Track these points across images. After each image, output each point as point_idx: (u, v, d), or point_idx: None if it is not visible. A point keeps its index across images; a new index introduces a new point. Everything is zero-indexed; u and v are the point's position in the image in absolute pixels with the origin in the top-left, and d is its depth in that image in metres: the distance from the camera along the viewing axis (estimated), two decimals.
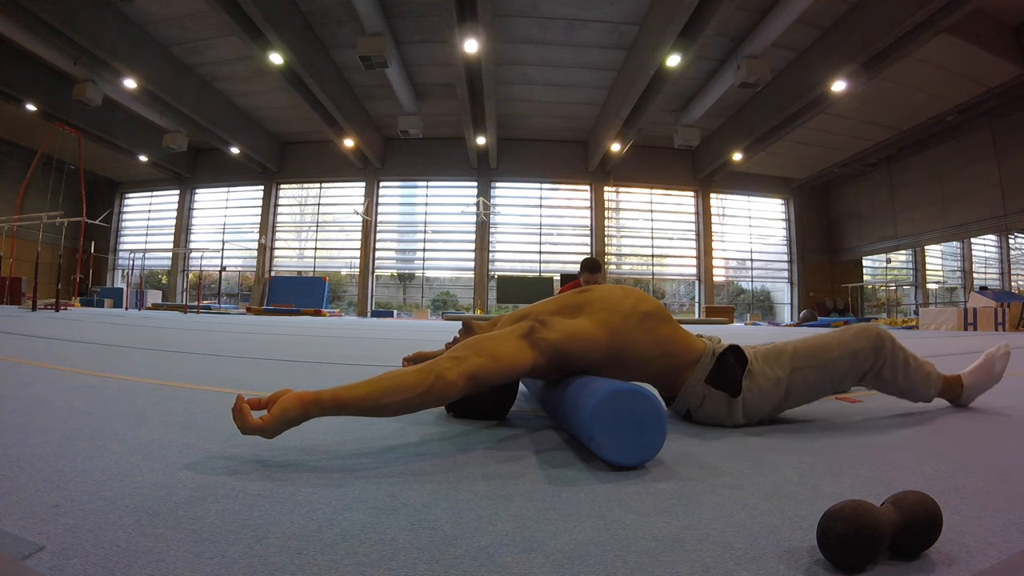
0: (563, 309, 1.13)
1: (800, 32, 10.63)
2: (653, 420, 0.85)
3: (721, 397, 1.16)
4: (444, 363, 0.91)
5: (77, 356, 2.45)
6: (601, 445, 0.85)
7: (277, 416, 0.79)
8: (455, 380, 0.89)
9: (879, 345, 1.23)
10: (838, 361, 1.20)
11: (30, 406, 1.23)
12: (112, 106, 13.40)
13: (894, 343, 1.25)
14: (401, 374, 0.87)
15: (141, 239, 19.98)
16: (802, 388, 1.19)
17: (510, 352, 0.98)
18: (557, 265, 17.35)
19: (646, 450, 0.85)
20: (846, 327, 1.28)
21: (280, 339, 4.39)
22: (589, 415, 0.86)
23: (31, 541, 0.53)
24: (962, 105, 12.83)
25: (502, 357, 0.96)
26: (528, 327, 1.05)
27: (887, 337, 1.25)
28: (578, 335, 1.06)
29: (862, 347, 1.21)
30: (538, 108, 14.82)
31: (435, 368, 0.89)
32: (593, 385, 0.93)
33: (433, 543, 0.56)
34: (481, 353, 0.94)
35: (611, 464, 0.85)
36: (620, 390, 0.86)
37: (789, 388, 1.18)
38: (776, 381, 1.16)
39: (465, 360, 0.92)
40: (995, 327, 10.06)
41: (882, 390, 1.31)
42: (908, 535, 0.53)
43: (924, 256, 18.22)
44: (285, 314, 13.87)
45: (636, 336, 1.12)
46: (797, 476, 0.83)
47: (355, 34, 10.57)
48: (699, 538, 0.59)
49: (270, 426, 0.79)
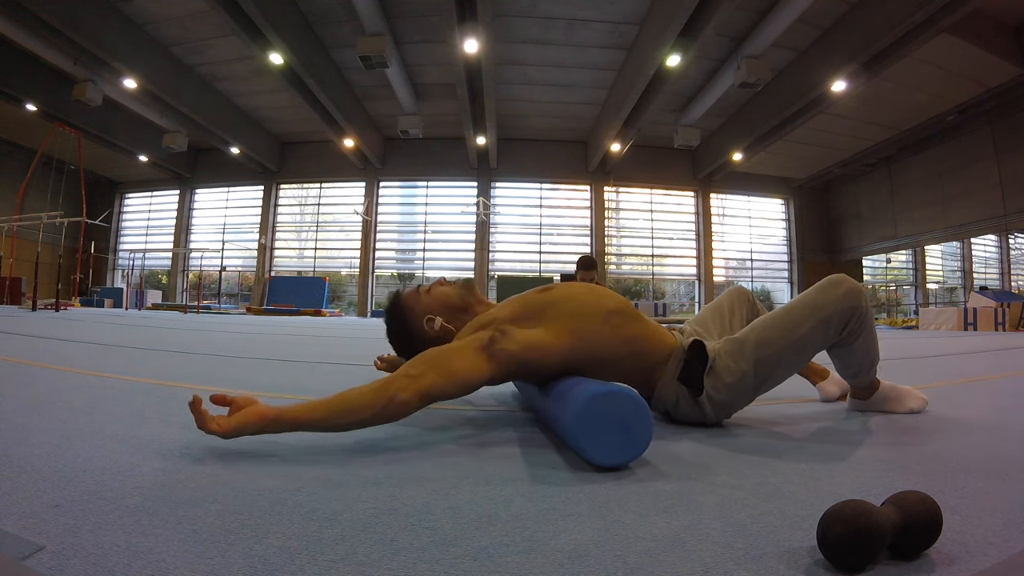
0: (525, 313, 1.10)
1: (800, 32, 10.63)
2: (637, 418, 0.85)
3: (692, 396, 1.14)
4: (400, 381, 0.91)
5: (77, 356, 2.45)
6: (586, 450, 0.84)
7: (235, 426, 0.83)
8: (409, 400, 0.91)
9: (855, 303, 1.13)
10: (810, 334, 1.13)
11: (30, 406, 1.23)
12: (112, 106, 13.40)
13: (867, 301, 1.16)
14: (357, 396, 0.88)
15: (141, 239, 19.97)
16: (773, 373, 1.14)
17: (467, 368, 0.98)
18: (557, 265, 17.35)
19: (633, 447, 0.85)
20: (815, 286, 1.17)
21: (280, 339, 4.39)
22: (571, 423, 0.86)
23: (31, 541, 0.53)
24: (962, 105, 12.82)
25: (458, 373, 0.96)
26: (488, 337, 1.03)
27: (862, 293, 1.15)
28: (537, 345, 1.04)
29: (834, 311, 1.12)
30: (538, 108, 14.82)
31: (390, 388, 0.89)
32: (576, 390, 0.92)
33: (433, 543, 0.56)
34: (437, 370, 0.94)
35: (598, 466, 0.85)
36: (599, 393, 0.85)
37: (758, 378, 1.13)
38: (741, 374, 1.12)
39: (421, 378, 0.92)
40: (995, 327, 10.06)
41: (839, 357, 1.23)
42: (908, 535, 0.53)
43: (924, 256, 18.23)
44: (285, 314, 13.87)
45: (603, 336, 1.10)
46: (797, 476, 0.83)
47: (355, 34, 10.57)
48: (699, 538, 0.59)
49: (226, 433, 0.83)
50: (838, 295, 1.14)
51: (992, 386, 2.11)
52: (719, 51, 11.48)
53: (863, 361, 1.24)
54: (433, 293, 1.23)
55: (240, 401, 0.87)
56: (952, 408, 1.48)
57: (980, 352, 4.12)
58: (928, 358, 3.53)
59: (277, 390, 1.66)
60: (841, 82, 10.63)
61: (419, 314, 1.21)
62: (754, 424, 1.25)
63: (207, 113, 13.77)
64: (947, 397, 1.70)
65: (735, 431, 1.16)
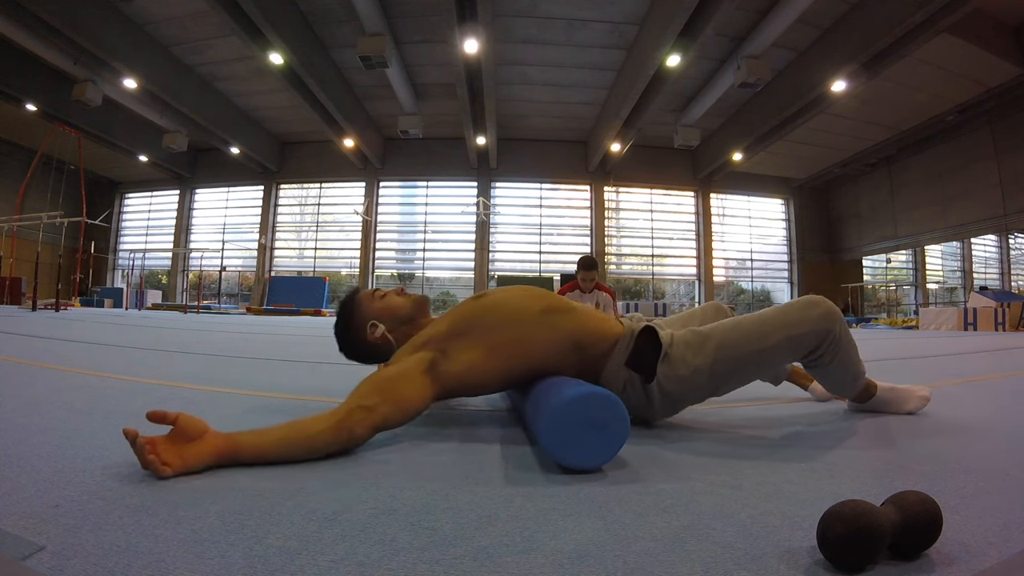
0: (461, 327, 1.09)
1: (800, 32, 10.63)
2: (611, 417, 0.84)
3: (641, 383, 1.11)
4: (356, 415, 0.91)
5: (77, 356, 2.45)
6: (561, 458, 0.84)
7: (190, 466, 0.76)
8: (363, 434, 0.92)
9: (828, 327, 1.12)
10: (775, 348, 1.10)
11: (30, 406, 1.23)
12: (112, 106, 13.39)
13: (843, 326, 1.15)
14: (317, 435, 0.87)
15: (141, 239, 19.97)
16: (729, 378, 1.12)
17: (415, 395, 0.99)
18: (557, 265, 17.34)
19: (608, 448, 0.84)
20: (793, 302, 1.16)
21: (280, 339, 4.39)
22: (545, 445, 0.85)
23: (31, 541, 0.53)
24: (962, 105, 12.82)
25: (409, 402, 0.97)
26: (430, 360, 1.03)
27: (837, 318, 1.14)
28: (476, 365, 1.05)
29: (806, 332, 1.11)
30: (538, 108, 14.82)
31: (347, 423, 0.89)
32: (543, 401, 0.92)
33: (433, 543, 0.56)
34: (389, 402, 0.95)
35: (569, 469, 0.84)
36: (566, 400, 0.85)
37: (714, 378, 1.10)
38: (695, 369, 1.08)
39: (375, 411, 0.92)
40: (995, 327, 10.06)
41: (816, 376, 1.23)
42: (908, 535, 0.53)
43: (924, 256, 18.22)
44: (285, 314, 13.86)
45: (543, 337, 1.09)
46: (797, 476, 0.83)
47: (355, 34, 10.56)
48: (699, 538, 0.59)
49: (178, 472, 0.75)
50: (812, 316, 1.12)
51: (992, 386, 2.11)
52: (719, 51, 11.48)
53: (843, 379, 1.24)
54: (385, 301, 1.24)
55: (184, 423, 0.78)
56: (952, 408, 1.48)
57: (980, 352, 4.12)
58: (928, 358, 3.53)
59: (277, 390, 1.66)
60: (841, 82, 10.63)
61: (365, 317, 1.22)
62: (753, 424, 1.25)
63: (207, 113, 13.76)
64: (947, 397, 1.70)
65: (735, 431, 1.16)
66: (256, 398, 1.49)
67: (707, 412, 1.38)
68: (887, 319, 15.77)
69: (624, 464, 0.88)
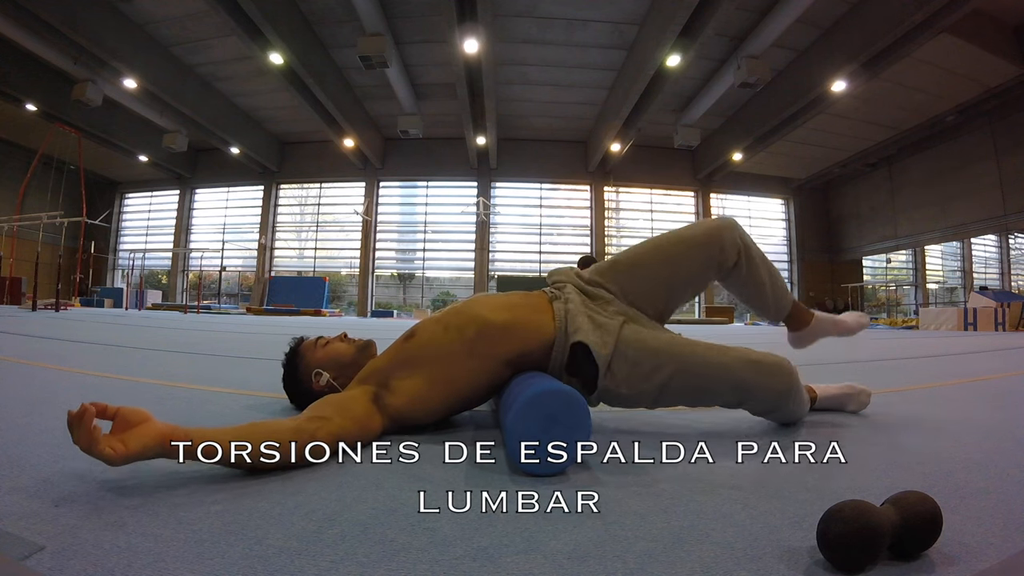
0: (399, 361, 1.08)
1: (800, 32, 10.63)
2: (568, 416, 0.83)
3: (580, 388, 1.09)
4: (314, 423, 0.88)
5: (77, 356, 2.45)
6: (532, 468, 0.83)
7: (136, 452, 0.68)
8: (324, 439, 0.87)
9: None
10: (730, 366, 1.09)
11: (30, 406, 1.23)
12: (112, 106, 13.40)
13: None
14: (277, 432, 0.82)
15: (141, 239, 19.98)
16: (677, 400, 1.12)
17: (366, 415, 0.98)
18: (557, 265, 17.34)
19: (571, 447, 0.83)
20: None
21: (280, 339, 4.38)
22: (510, 453, 0.85)
23: (31, 541, 0.53)
24: (962, 105, 12.82)
25: (362, 419, 0.97)
26: (373, 393, 1.03)
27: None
28: (418, 397, 1.05)
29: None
30: (538, 108, 14.82)
31: (307, 428, 0.86)
32: (506, 412, 0.92)
33: (433, 543, 0.56)
34: (342, 415, 0.93)
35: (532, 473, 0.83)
36: (519, 414, 0.84)
37: (660, 400, 1.10)
38: (640, 394, 1.09)
39: (331, 420, 0.90)
40: (995, 327, 10.05)
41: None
42: (908, 535, 0.53)
43: (924, 256, 18.22)
44: (285, 314, 13.86)
45: (477, 368, 1.07)
46: (797, 476, 0.83)
47: (355, 34, 10.57)
48: (699, 538, 0.59)
49: (123, 459, 0.67)
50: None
51: (992, 386, 2.11)
52: (719, 51, 11.48)
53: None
54: (328, 348, 1.23)
55: (127, 414, 0.71)
56: (952, 408, 1.48)
57: (980, 352, 4.12)
58: (928, 358, 3.52)
59: (277, 390, 1.66)
60: (841, 82, 10.63)
61: (309, 366, 1.21)
62: (753, 423, 1.25)
63: (207, 113, 13.77)
64: (947, 397, 1.70)
65: (734, 431, 1.16)
66: (256, 398, 1.49)
67: (705, 411, 1.38)
68: (887, 319, 15.77)
69: (623, 464, 0.88)
